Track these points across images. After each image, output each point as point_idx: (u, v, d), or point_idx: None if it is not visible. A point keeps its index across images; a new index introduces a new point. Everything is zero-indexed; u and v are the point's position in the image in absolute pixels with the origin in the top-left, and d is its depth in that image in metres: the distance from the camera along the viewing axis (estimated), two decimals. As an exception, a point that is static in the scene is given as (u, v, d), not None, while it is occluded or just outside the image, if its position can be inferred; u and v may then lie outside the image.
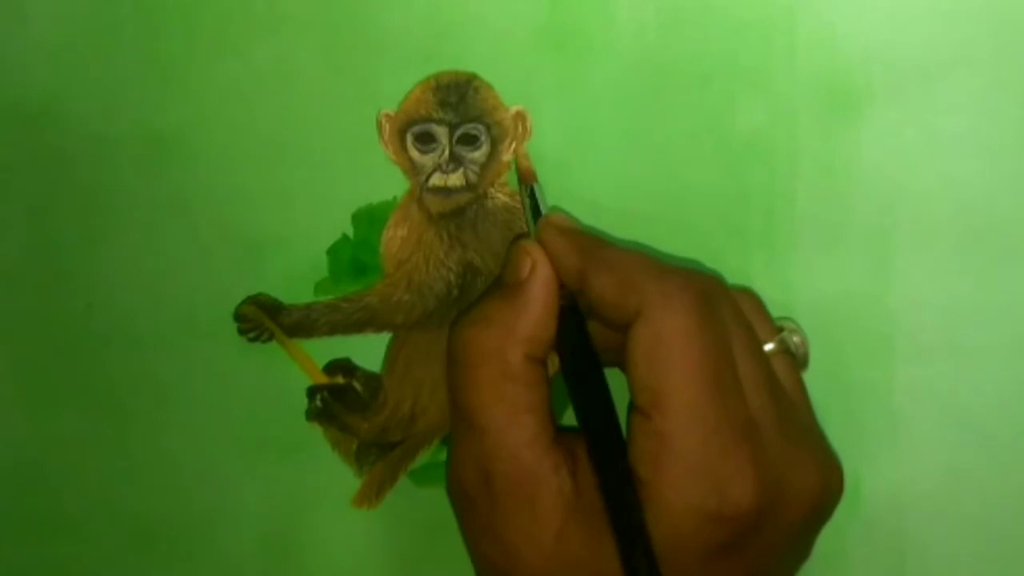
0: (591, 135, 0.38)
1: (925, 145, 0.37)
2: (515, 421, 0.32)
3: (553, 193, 0.38)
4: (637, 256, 0.33)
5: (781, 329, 0.35)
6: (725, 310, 0.32)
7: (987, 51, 0.36)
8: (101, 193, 0.39)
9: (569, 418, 0.35)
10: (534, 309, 0.33)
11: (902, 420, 0.38)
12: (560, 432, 0.32)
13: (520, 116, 0.38)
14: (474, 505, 0.32)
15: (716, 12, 0.37)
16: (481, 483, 0.32)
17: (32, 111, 0.39)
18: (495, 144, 0.38)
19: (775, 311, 0.37)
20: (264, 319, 0.39)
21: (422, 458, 0.40)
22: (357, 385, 0.40)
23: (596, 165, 0.38)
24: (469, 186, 0.38)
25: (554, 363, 0.33)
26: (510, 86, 0.38)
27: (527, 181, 0.37)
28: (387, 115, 0.38)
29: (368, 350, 0.39)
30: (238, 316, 0.39)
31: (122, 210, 0.39)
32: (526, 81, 0.37)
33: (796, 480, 0.31)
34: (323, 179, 0.38)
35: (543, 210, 0.36)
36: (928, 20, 0.36)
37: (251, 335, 0.39)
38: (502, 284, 0.34)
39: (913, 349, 0.38)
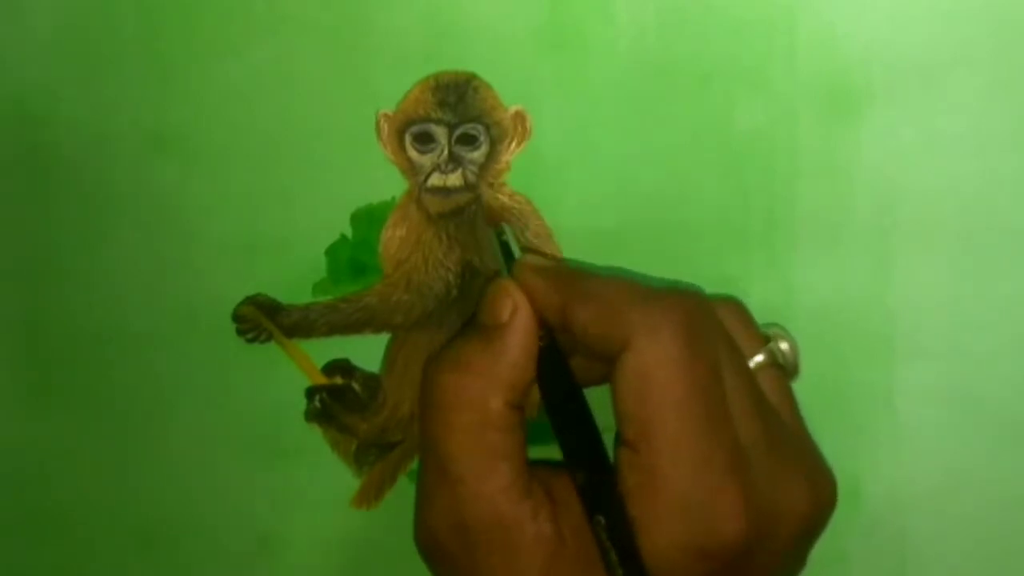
0: (591, 135, 0.38)
1: (925, 145, 0.36)
2: (493, 469, 0.31)
3: (552, 193, 0.38)
4: (619, 284, 0.32)
5: (768, 339, 0.34)
6: (711, 332, 0.32)
7: (987, 51, 0.36)
8: (100, 193, 0.39)
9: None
10: (515, 354, 0.32)
11: (902, 420, 0.38)
12: (533, 473, 0.32)
13: (519, 116, 0.38)
14: (451, 559, 0.32)
15: (716, 12, 0.37)
16: (457, 535, 0.31)
17: (31, 111, 0.38)
18: (494, 144, 0.38)
19: (775, 312, 0.37)
20: (263, 319, 0.39)
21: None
22: (356, 386, 0.40)
23: (596, 165, 0.38)
24: (468, 186, 0.38)
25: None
26: (509, 86, 0.37)
27: (495, 222, 0.37)
28: (386, 115, 0.38)
29: (367, 350, 0.39)
30: (237, 317, 0.39)
31: (121, 210, 0.39)
32: (525, 81, 0.37)
33: (786, 503, 0.31)
34: (322, 179, 0.38)
35: (515, 250, 0.35)
36: (928, 20, 0.36)
37: (250, 336, 0.39)
38: (479, 325, 0.33)
39: (913, 349, 0.38)
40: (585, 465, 0.31)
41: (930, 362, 0.38)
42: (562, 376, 0.32)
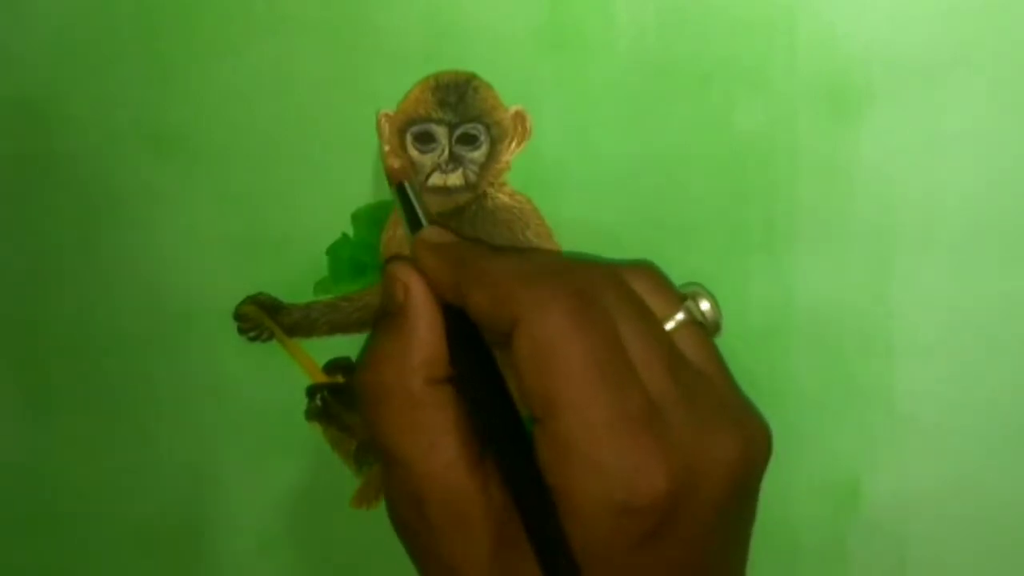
0: (591, 135, 0.38)
1: (925, 145, 0.36)
2: (434, 446, 0.32)
3: (552, 193, 0.38)
4: (511, 263, 0.33)
5: (685, 298, 0.34)
6: (609, 299, 0.32)
7: (987, 51, 0.36)
8: (100, 192, 0.39)
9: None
10: (419, 334, 0.33)
11: (902, 420, 0.38)
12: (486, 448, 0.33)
13: (519, 116, 0.38)
14: (413, 534, 0.33)
15: (716, 12, 0.37)
16: (414, 512, 0.32)
17: (32, 110, 0.39)
18: (495, 144, 0.38)
19: (775, 311, 0.37)
20: (264, 318, 0.39)
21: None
22: (356, 385, 0.40)
23: (596, 165, 0.38)
24: (468, 186, 0.38)
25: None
26: (509, 86, 0.37)
27: (396, 179, 0.37)
28: (386, 115, 0.38)
29: (368, 350, 0.39)
30: (238, 315, 0.39)
31: (121, 209, 0.39)
32: (525, 81, 0.37)
33: (710, 456, 0.31)
34: (322, 179, 0.38)
35: (418, 209, 0.35)
36: (928, 20, 0.36)
37: (251, 334, 0.39)
38: (384, 314, 0.34)
39: (913, 349, 0.38)
40: (500, 437, 0.32)
41: (930, 362, 0.38)
42: (472, 344, 0.33)
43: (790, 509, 0.35)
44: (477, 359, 0.33)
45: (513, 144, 0.38)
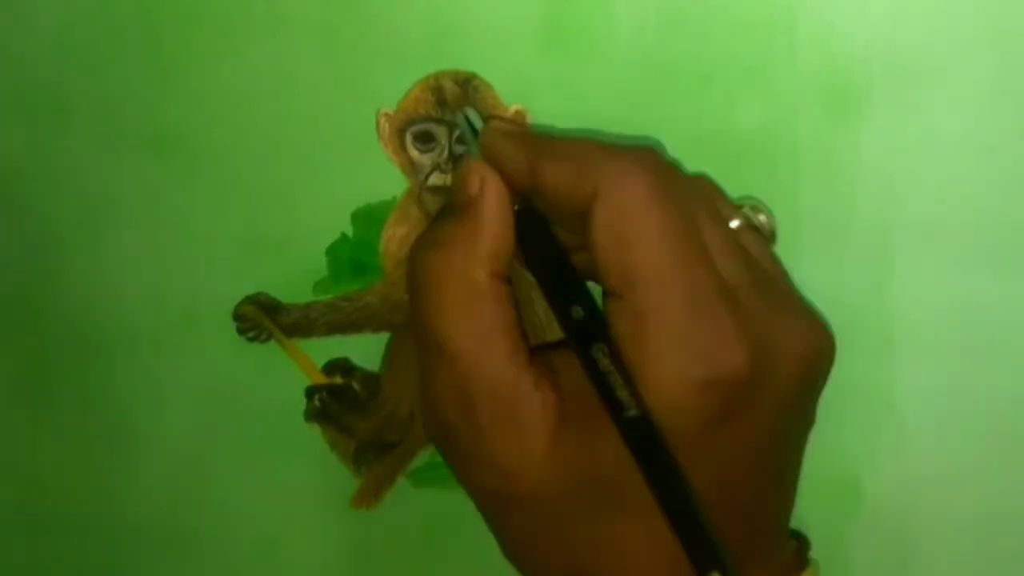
0: (590, 135, 0.38)
1: (925, 144, 0.36)
2: (488, 341, 0.31)
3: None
4: (586, 140, 0.32)
5: (742, 207, 0.34)
6: (683, 183, 0.32)
7: (987, 50, 0.36)
8: (101, 192, 0.39)
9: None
10: (491, 225, 0.32)
11: (902, 419, 0.38)
12: (535, 350, 0.32)
13: (519, 116, 0.38)
14: (458, 434, 0.32)
15: (716, 12, 0.37)
16: (461, 409, 0.31)
17: (32, 110, 0.39)
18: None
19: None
20: (263, 319, 0.39)
21: (420, 458, 0.40)
22: (356, 385, 0.40)
23: (596, 165, 0.38)
24: (468, 186, 0.38)
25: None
26: (509, 86, 0.38)
27: (459, 106, 0.37)
28: (386, 114, 0.38)
29: (367, 350, 0.39)
30: (237, 316, 0.39)
31: (121, 209, 0.39)
32: (526, 81, 0.37)
33: (784, 341, 0.31)
34: (322, 179, 0.38)
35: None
36: (928, 19, 0.36)
37: (250, 335, 0.39)
38: (453, 205, 0.33)
39: (913, 348, 0.37)
40: (577, 316, 0.31)
41: (930, 361, 0.38)
42: (543, 237, 0.32)
43: (790, 508, 0.35)
44: (548, 249, 0.32)
45: (513, 144, 0.38)
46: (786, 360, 0.31)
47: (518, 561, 0.33)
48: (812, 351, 0.32)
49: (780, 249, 0.37)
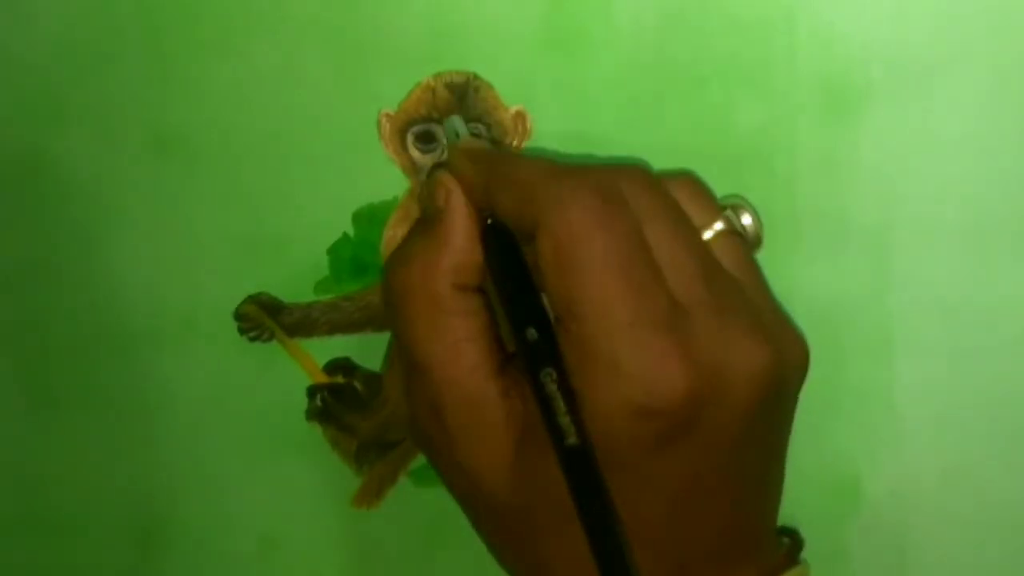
0: (591, 135, 0.38)
1: (925, 144, 0.37)
2: (455, 351, 0.32)
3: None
4: (538, 165, 0.32)
5: (725, 208, 0.33)
6: (636, 199, 0.31)
7: (987, 50, 0.36)
8: (102, 192, 0.39)
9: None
10: (454, 238, 0.32)
11: (902, 419, 0.38)
12: (512, 357, 0.32)
13: (520, 116, 0.38)
14: (432, 441, 0.33)
15: (715, 12, 0.37)
16: (433, 418, 0.32)
17: (33, 110, 0.39)
18: (495, 144, 0.38)
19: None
20: (265, 318, 0.39)
21: (422, 458, 0.40)
22: (357, 384, 0.40)
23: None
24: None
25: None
26: (510, 86, 0.38)
27: (453, 111, 0.37)
28: (387, 115, 0.38)
29: (368, 349, 0.39)
30: (239, 315, 0.39)
31: (123, 209, 0.39)
32: (526, 81, 0.38)
33: (740, 361, 0.30)
34: (324, 178, 0.38)
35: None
36: (927, 19, 0.36)
37: (251, 334, 0.39)
38: (420, 219, 0.34)
39: (913, 347, 0.38)
40: (531, 338, 0.31)
41: (930, 360, 0.38)
42: (508, 253, 0.32)
43: (791, 507, 0.34)
44: (511, 266, 0.32)
45: (514, 144, 0.38)
46: (740, 380, 0.30)
47: (497, 560, 0.34)
48: (773, 368, 0.31)
49: (779, 249, 0.37)
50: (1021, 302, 0.37)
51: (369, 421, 0.40)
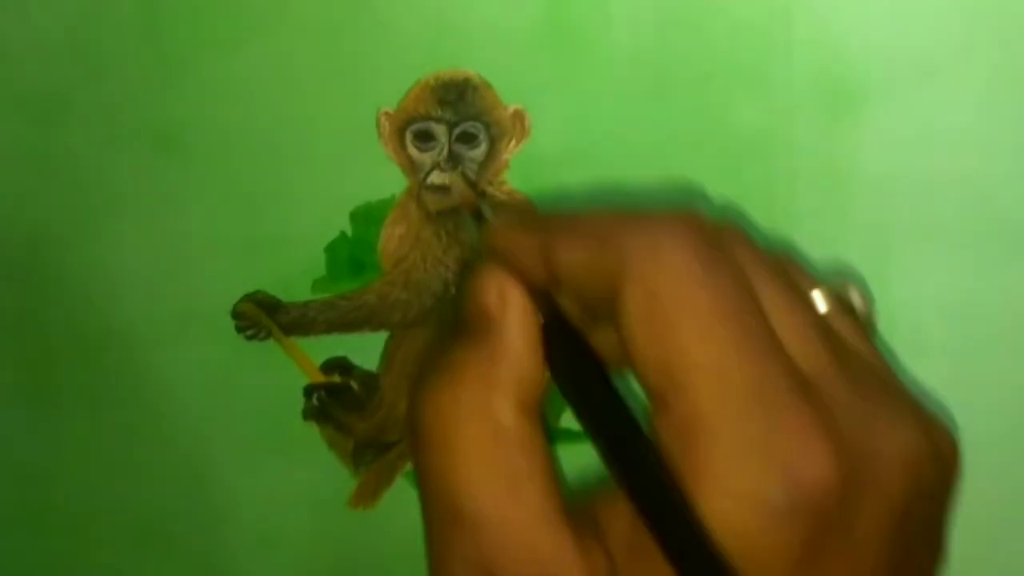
0: (590, 134, 0.38)
1: (924, 142, 0.36)
2: (517, 495, 0.24)
3: (552, 193, 0.38)
4: (607, 214, 0.26)
5: (827, 284, 0.27)
6: (738, 249, 0.25)
7: (985, 48, 0.36)
8: (102, 190, 0.39)
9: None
10: (515, 347, 0.25)
11: (902, 420, 0.38)
12: (576, 497, 0.25)
13: (518, 115, 0.38)
14: None
15: (714, 12, 0.37)
16: None
17: (34, 108, 0.39)
18: (494, 143, 0.38)
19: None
20: (262, 317, 0.39)
21: (419, 458, 0.40)
22: (354, 384, 0.40)
23: (595, 164, 0.38)
24: (468, 184, 0.38)
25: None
26: (509, 85, 0.38)
27: (471, 203, 0.34)
28: (386, 113, 0.38)
29: (365, 349, 0.39)
30: (236, 314, 0.39)
31: (122, 207, 0.39)
32: (525, 80, 0.38)
33: (884, 442, 0.24)
34: (322, 177, 0.38)
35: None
36: (926, 18, 0.36)
37: (249, 333, 0.39)
38: (465, 326, 0.26)
39: (912, 347, 0.37)
40: (618, 445, 0.24)
41: (929, 360, 0.37)
42: (576, 353, 0.26)
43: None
44: (585, 370, 0.25)
45: (512, 143, 0.38)
46: (888, 465, 0.23)
47: None
48: (926, 454, 0.24)
49: (779, 247, 0.36)
50: (1021, 302, 0.37)
51: (366, 421, 0.40)
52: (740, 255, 0.25)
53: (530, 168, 0.38)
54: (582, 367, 0.25)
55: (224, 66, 0.38)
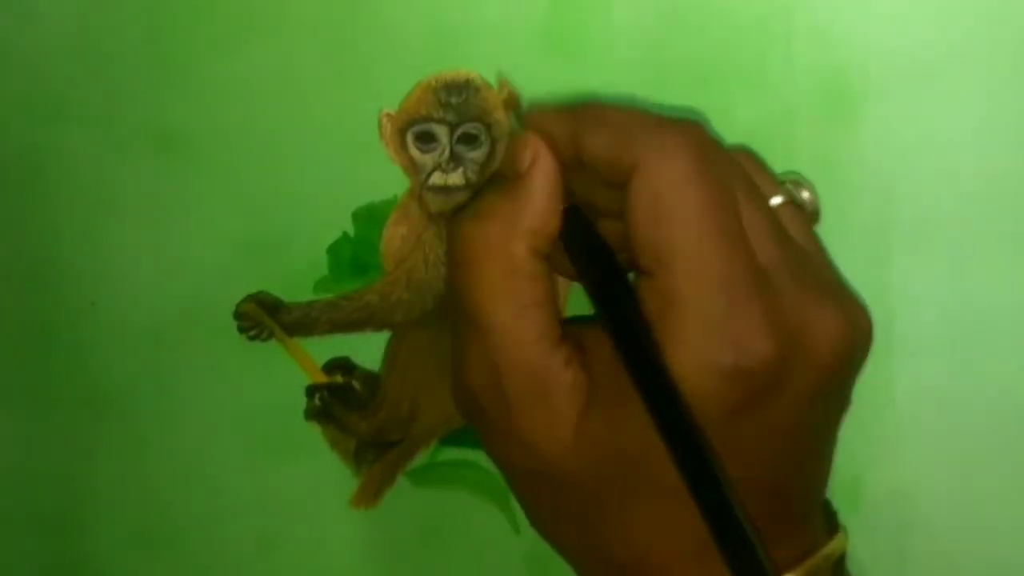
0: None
1: (923, 143, 0.37)
2: (523, 316, 0.31)
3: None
4: (631, 111, 0.32)
5: (784, 182, 0.33)
6: (723, 158, 0.31)
7: (985, 49, 0.36)
8: (103, 190, 0.39)
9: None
10: (537, 201, 0.31)
11: (902, 418, 0.38)
12: (568, 327, 0.32)
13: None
14: (488, 410, 0.31)
15: (714, 12, 0.37)
16: (492, 385, 0.31)
17: (36, 108, 0.39)
18: (495, 144, 0.38)
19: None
20: (264, 317, 0.39)
21: (420, 458, 0.40)
22: (356, 384, 0.40)
23: (595, 164, 0.38)
24: (469, 185, 0.38)
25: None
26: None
27: (514, 107, 0.37)
28: (388, 115, 0.38)
29: (367, 349, 0.39)
30: (238, 314, 0.39)
31: (124, 208, 0.39)
32: (526, 81, 0.38)
33: (817, 325, 0.30)
34: (324, 178, 0.38)
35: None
36: (925, 18, 0.36)
37: (251, 333, 0.39)
38: (502, 178, 0.33)
39: (912, 347, 0.38)
40: (614, 305, 0.30)
41: (929, 360, 0.38)
42: (588, 237, 0.32)
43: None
44: (592, 240, 0.32)
45: (513, 143, 0.38)
46: (818, 346, 0.30)
47: (544, 533, 0.33)
48: (845, 335, 0.31)
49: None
50: (1021, 302, 0.37)
51: (368, 421, 0.40)
52: (725, 163, 0.31)
53: (531, 168, 0.38)
54: (591, 247, 0.32)
55: (225, 66, 0.38)
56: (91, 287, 0.40)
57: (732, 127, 0.37)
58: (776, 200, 0.33)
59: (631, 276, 0.31)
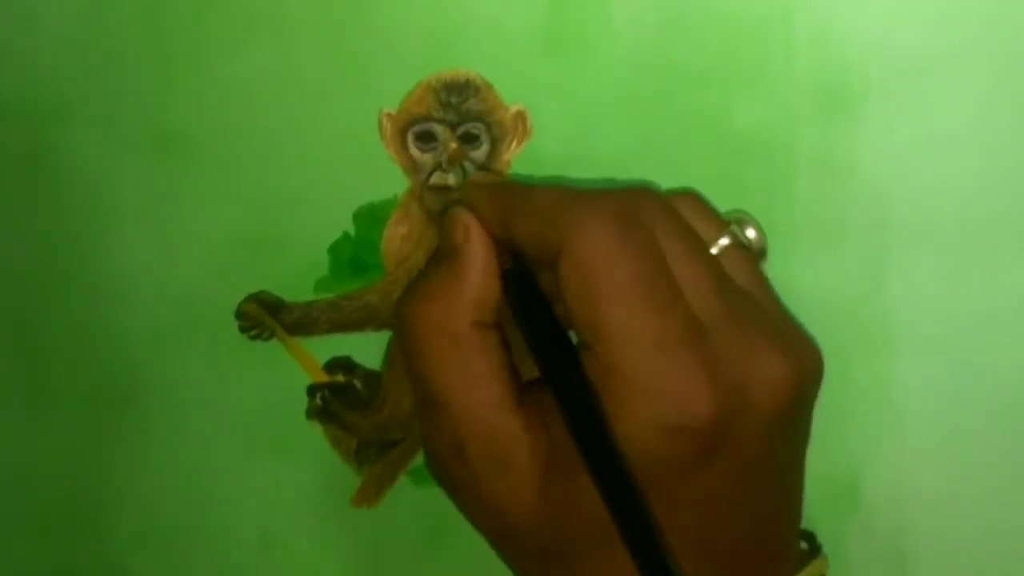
0: (590, 134, 0.38)
1: (922, 143, 0.37)
2: (475, 388, 0.32)
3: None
4: (555, 192, 0.32)
5: (729, 223, 0.34)
6: (652, 219, 0.31)
7: (984, 49, 0.36)
8: (104, 190, 0.39)
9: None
10: (473, 274, 0.32)
11: (901, 418, 0.38)
12: (528, 388, 0.32)
13: (520, 115, 0.38)
14: (454, 479, 0.33)
15: (714, 12, 0.37)
16: (455, 455, 0.32)
17: (35, 108, 0.39)
18: (495, 143, 0.38)
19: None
20: (265, 317, 0.39)
21: (422, 457, 0.40)
22: (357, 383, 0.40)
23: (595, 164, 0.38)
24: (469, 185, 0.38)
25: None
26: (510, 86, 0.38)
27: (458, 158, 0.38)
28: (388, 114, 0.38)
29: (368, 348, 0.40)
30: (239, 314, 0.39)
31: (124, 207, 0.39)
32: (526, 81, 0.38)
33: (760, 373, 0.31)
34: (325, 177, 0.38)
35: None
36: (925, 18, 0.36)
37: (252, 333, 0.39)
38: (438, 256, 0.34)
39: (911, 347, 0.38)
40: (559, 372, 0.31)
41: (928, 360, 0.38)
42: (529, 294, 0.32)
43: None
44: (533, 300, 0.32)
45: (514, 144, 0.38)
46: (761, 393, 0.31)
47: None
48: (790, 382, 0.31)
49: (778, 250, 0.37)
50: (1021, 302, 0.37)
51: (369, 420, 0.40)
52: (653, 221, 0.31)
53: (532, 169, 0.38)
54: (533, 306, 0.32)
55: (225, 66, 0.38)
56: (91, 286, 0.40)
57: (732, 127, 0.37)
58: (723, 241, 0.33)
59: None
